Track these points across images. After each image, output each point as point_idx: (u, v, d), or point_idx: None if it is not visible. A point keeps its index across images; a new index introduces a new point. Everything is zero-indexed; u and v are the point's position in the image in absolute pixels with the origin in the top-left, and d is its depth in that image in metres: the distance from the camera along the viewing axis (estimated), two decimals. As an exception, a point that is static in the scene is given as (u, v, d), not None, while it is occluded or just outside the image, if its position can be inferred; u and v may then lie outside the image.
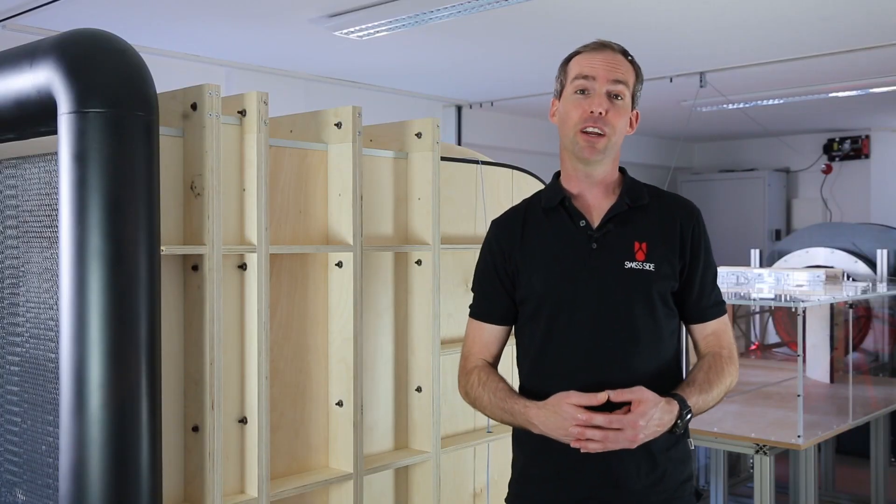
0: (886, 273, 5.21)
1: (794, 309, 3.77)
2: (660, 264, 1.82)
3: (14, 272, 2.14)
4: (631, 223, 1.85)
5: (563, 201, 1.88)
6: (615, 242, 1.84)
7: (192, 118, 2.12)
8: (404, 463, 2.64)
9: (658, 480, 1.82)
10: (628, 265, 1.81)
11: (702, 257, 1.88)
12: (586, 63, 1.84)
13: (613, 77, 1.82)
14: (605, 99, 1.81)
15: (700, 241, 1.88)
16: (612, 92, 1.82)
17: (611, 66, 1.83)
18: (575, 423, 1.70)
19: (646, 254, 1.82)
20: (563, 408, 1.72)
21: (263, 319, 2.21)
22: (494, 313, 1.95)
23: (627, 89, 1.84)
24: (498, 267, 1.93)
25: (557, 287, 1.84)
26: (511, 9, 4.12)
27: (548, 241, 1.88)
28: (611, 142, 1.82)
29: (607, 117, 1.81)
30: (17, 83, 1.83)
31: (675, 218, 1.87)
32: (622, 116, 1.83)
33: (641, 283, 1.81)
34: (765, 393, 4.43)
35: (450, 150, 2.94)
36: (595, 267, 1.82)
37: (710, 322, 1.91)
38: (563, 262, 1.85)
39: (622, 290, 1.81)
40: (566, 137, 1.86)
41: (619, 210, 1.86)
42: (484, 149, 5.08)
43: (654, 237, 1.84)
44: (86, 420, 1.69)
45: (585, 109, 1.81)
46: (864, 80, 5.99)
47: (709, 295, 1.90)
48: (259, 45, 5.02)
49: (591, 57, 1.84)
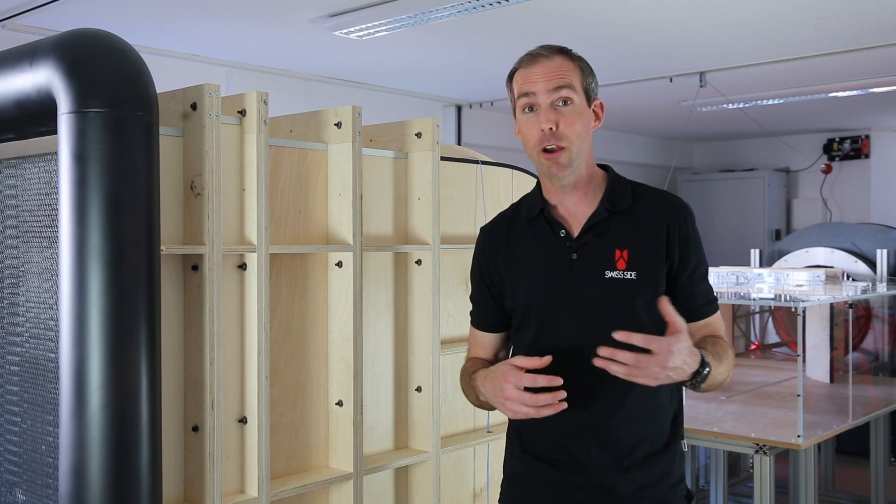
0: (886, 273, 5.21)
1: (794, 309, 3.77)
2: (642, 272, 1.77)
3: (14, 272, 2.14)
4: (611, 231, 1.81)
5: (543, 211, 1.85)
6: (595, 252, 1.80)
7: (192, 118, 2.12)
8: (404, 463, 2.64)
9: (649, 484, 1.79)
10: (609, 275, 1.77)
11: (691, 256, 1.81)
12: (524, 79, 1.79)
13: (553, 86, 1.76)
14: (551, 112, 1.75)
15: (689, 240, 1.81)
16: (557, 100, 1.76)
17: (547, 75, 1.76)
18: (504, 381, 1.66)
19: (627, 262, 1.78)
20: (500, 367, 1.70)
21: (263, 319, 2.21)
22: (486, 321, 1.95)
23: (573, 91, 1.77)
24: (485, 276, 1.93)
25: (540, 298, 1.82)
26: (511, 9, 4.12)
27: (530, 251, 1.86)
28: (572, 152, 1.77)
29: (559, 130, 1.75)
30: (17, 83, 1.83)
31: (661, 219, 1.81)
32: (575, 122, 1.76)
33: (622, 293, 1.77)
34: (765, 393, 4.43)
35: (450, 150, 2.94)
36: (575, 277, 1.79)
37: (703, 320, 1.85)
38: (544, 273, 1.83)
39: (603, 300, 1.77)
40: (532, 158, 1.82)
41: (599, 218, 1.81)
42: (484, 149, 5.08)
43: (636, 244, 1.79)
44: (86, 420, 1.69)
45: (537, 128, 1.77)
46: (864, 80, 5.99)
47: (700, 294, 1.84)
48: (259, 45, 5.02)
49: (529, 71, 1.79)
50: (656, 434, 1.81)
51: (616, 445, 1.78)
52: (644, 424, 1.80)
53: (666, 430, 1.83)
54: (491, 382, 1.73)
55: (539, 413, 1.65)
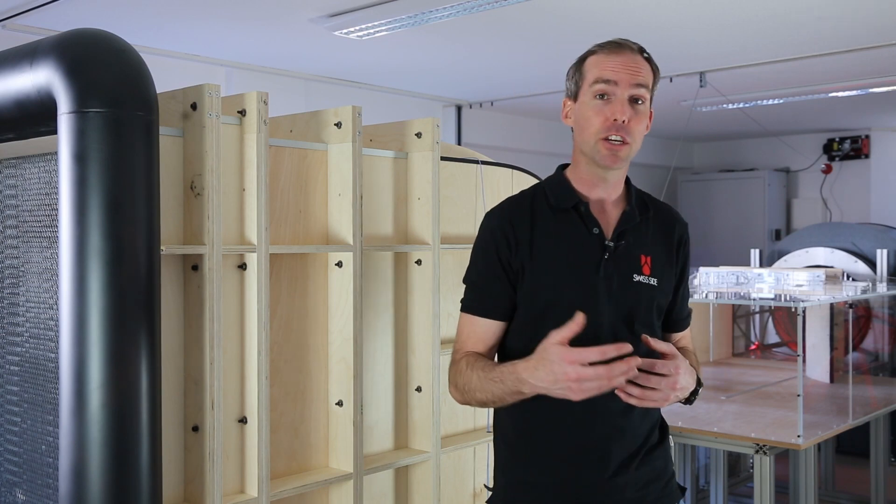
0: (886, 273, 5.21)
1: (794, 309, 3.77)
2: (661, 279, 1.82)
3: (14, 272, 2.14)
4: (639, 236, 1.82)
5: (578, 205, 1.81)
6: (625, 254, 1.80)
7: (192, 118, 2.12)
8: (404, 463, 2.64)
9: (652, 479, 1.82)
10: (636, 278, 1.79)
11: (687, 271, 1.91)
12: (606, 66, 1.74)
13: (635, 81, 1.73)
14: (627, 106, 1.72)
15: (688, 256, 1.91)
16: (635, 97, 1.74)
17: (632, 69, 1.74)
18: (567, 361, 1.56)
19: (651, 268, 1.81)
20: (551, 350, 1.59)
21: (263, 319, 2.21)
22: (498, 308, 1.82)
23: (648, 92, 1.77)
24: (503, 259, 1.80)
25: (567, 294, 1.76)
26: (511, 9, 4.12)
27: (559, 243, 1.80)
28: (632, 149, 1.77)
29: (629, 125, 1.73)
30: (17, 83, 1.83)
31: (673, 232, 1.87)
32: (643, 122, 1.76)
33: (646, 297, 1.80)
34: (765, 393, 4.43)
35: (450, 150, 2.94)
36: (606, 277, 1.77)
37: (682, 331, 1.96)
38: (574, 268, 1.78)
39: (629, 303, 1.78)
40: (586, 144, 1.77)
41: (631, 221, 1.82)
42: (484, 149, 5.08)
43: (657, 251, 1.83)
44: (86, 420, 1.69)
45: (608, 117, 1.72)
46: (864, 80, 5.99)
47: (685, 306, 1.94)
48: (259, 45, 5.02)
49: (611, 59, 1.75)
50: (652, 433, 1.85)
51: (633, 441, 1.80)
52: (652, 419, 1.85)
53: (657, 429, 1.88)
54: (545, 370, 1.59)
55: (613, 384, 1.57)
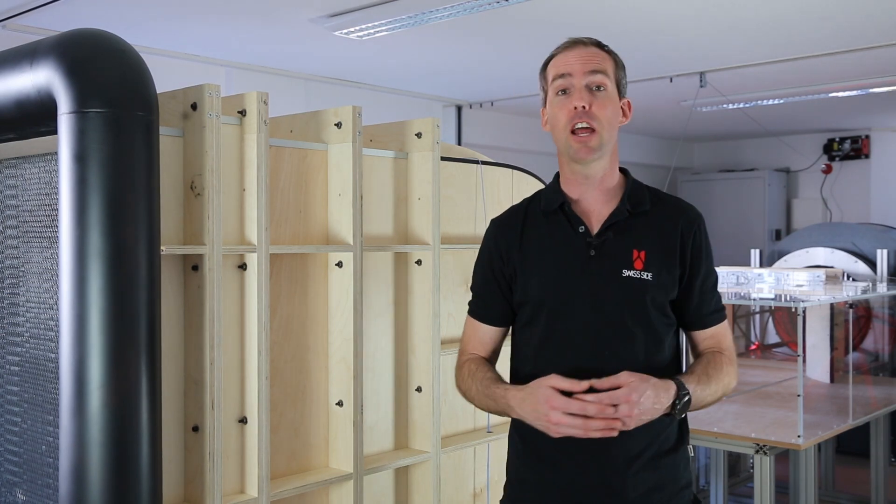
0: (886, 273, 5.21)
1: (794, 309, 3.77)
2: (658, 273, 1.79)
3: (14, 272, 2.14)
4: (630, 231, 1.82)
5: (563, 206, 1.85)
6: (613, 250, 1.80)
7: (192, 118, 2.12)
8: (404, 463, 2.64)
9: (656, 488, 1.79)
10: (626, 273, 1.78)
11: (702, 264, 1.84)
12: (561, 62, 1.82)
13: (589, 69, 1.79)
14: (585, 92, 1.78)
15: (701, 248, 1.84)
16: (592, 84, 1.79)
17: (585, 58, 1.80)
18: (549, 406, 1.66)
19: (644, 262, 1.79)
20: (541, 391, 1.70)
21: (263, 319, 2.21)
22: (491, 314, 1.93)
23: (608, 78, 1.80)
24: (495, 268, 1.90)
25: (554, 293, 1.81)
26: (511, 9, 4.12)
27: (546, 245, 1.85)
28: (603, 136, 1.79)
29: (592, 110, 1.77)
30: (17, 83, 1.83)
31: (676, 225, 1.83)
32: (607, 107, 1.80)
33: (637, 293, 1.78)
34: (765, 393, 4.43)
35: (450, 150, 2.94)
36: (592, 274, 1.79)
37: (709, 328, 1.88)
38: (560, 267, 1.82)
39: (618, 299, 1.78)
40: (560, 142, 1.83)
41: (619, 217, 1.82)
42: (484, 149, 5.08)
43: (653, 245, 1.81)
44: (86, 420, 1.69)
45: (569, 108, 1.78)
46: (864, 80, 5.99)
47: (709, 302, 1.86)
48: (259, 45, 5.02)
49: (566, 55, 1.82)
50: (665, 436, 1.81)
51: (627, 445, 1.77)
52: (654, 424, 1.77)
53: (674, 433, 1.83)
54: (531, 405, 1.71)
55: (588, 435, 1.67)
